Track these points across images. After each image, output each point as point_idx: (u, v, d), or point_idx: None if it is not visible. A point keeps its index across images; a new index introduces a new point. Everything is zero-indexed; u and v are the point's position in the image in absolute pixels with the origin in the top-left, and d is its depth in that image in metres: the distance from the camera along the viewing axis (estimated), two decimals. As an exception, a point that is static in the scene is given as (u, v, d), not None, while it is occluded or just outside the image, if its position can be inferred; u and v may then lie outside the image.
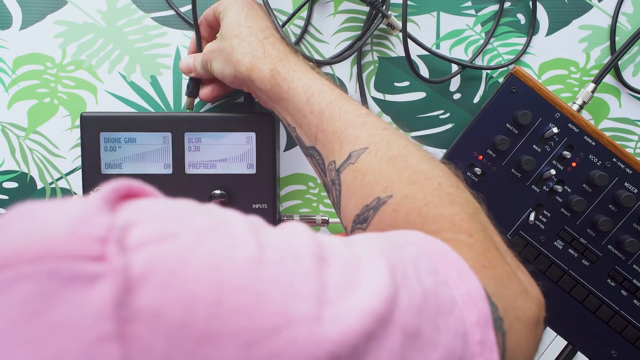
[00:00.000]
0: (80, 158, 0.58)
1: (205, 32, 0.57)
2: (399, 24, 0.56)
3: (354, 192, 0.39)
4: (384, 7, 0.57)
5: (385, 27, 0.58)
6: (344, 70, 0.61)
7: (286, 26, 0.60)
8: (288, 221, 0.30)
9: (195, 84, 0.58)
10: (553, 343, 0.58)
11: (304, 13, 0.61)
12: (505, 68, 0.61)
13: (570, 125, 0.56)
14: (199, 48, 0.57)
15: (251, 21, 0.50)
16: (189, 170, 0.56)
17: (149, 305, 0.20)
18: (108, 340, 0.19)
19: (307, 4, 0.60)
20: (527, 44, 0.61)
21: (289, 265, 0.24)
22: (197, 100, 0.59)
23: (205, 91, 0.57)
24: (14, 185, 0.61)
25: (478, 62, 0.61)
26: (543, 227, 0.57)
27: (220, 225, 0.24)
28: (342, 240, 0.28)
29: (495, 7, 0.61)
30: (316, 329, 0.22)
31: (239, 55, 0.48)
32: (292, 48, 0.50)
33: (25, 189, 0.61)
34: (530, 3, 0.61)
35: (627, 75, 0.62)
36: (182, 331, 0.20)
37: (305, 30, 0.61)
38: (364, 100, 0.61)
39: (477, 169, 0.57)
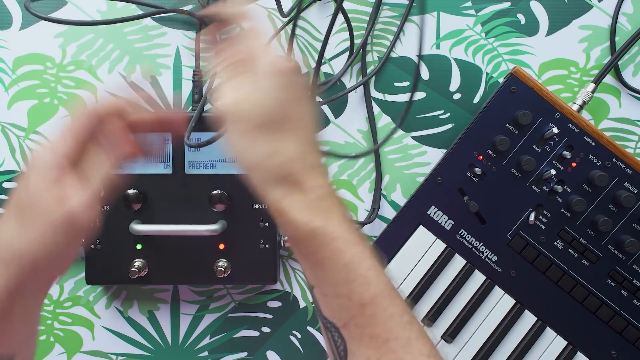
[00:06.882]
0: (80, 158, 0.58)
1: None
2: None
3: None
4: None
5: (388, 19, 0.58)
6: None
7: (286, 27, 0.60)
8: None
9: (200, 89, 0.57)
10: (553, 343, 0.58)
11: (304, 14, 0.61)
12: (506, 68, 0.61)
13: (570, 125, 0.56)
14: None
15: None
16: (189, 170, 0.56)
17: None
18: None
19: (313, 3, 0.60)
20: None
21: None
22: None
23: None
24: (13, 185, 0.61)
25: (478, 62, 0.61)
26: (543, 227, 0.57)
27: None
28: None
29: (495, 7, 0.61)
30: None
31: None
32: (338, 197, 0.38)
33: (25, 189, 0.61)
34: (531, 3, 0.61)
35: (627, 75, 0.62)
36: None
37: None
38: (367, 100, 0.61)
39: (477, 169, 0.57)
